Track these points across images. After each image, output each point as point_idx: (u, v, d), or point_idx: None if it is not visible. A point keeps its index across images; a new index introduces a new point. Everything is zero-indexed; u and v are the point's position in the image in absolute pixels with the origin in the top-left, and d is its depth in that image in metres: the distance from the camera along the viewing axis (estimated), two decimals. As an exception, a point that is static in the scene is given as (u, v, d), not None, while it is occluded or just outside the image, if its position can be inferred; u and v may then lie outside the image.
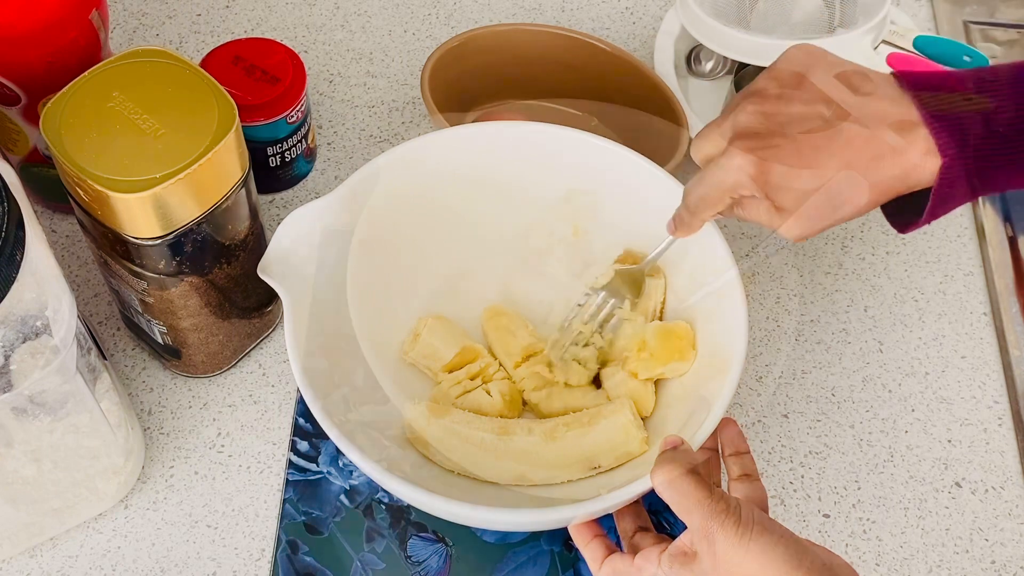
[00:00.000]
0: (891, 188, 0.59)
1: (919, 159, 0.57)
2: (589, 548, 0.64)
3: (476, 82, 0.87)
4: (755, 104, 0.60)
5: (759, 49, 0.86)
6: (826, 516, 0.76)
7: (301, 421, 0.78)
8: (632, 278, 0.74)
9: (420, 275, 0.77)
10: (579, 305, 0.75)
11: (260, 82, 0.82)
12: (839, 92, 0.59)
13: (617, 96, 0.79)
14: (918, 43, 0.91)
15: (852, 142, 0.58)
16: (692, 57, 0.97)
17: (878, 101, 0.58)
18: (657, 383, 0.73)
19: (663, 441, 0.60)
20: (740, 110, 0.61)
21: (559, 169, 0.75)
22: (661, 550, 0.59)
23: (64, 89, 0.66)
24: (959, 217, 0.90)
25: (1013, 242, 0.88)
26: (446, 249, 0.77)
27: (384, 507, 0.75)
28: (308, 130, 0.87)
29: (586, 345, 0.74)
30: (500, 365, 0.76)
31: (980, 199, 0.90)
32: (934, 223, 0.89)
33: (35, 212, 0.63)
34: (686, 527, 0.57)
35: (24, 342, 0.58)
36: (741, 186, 0.60)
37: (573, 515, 0.62)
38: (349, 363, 0.71)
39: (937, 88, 0.58)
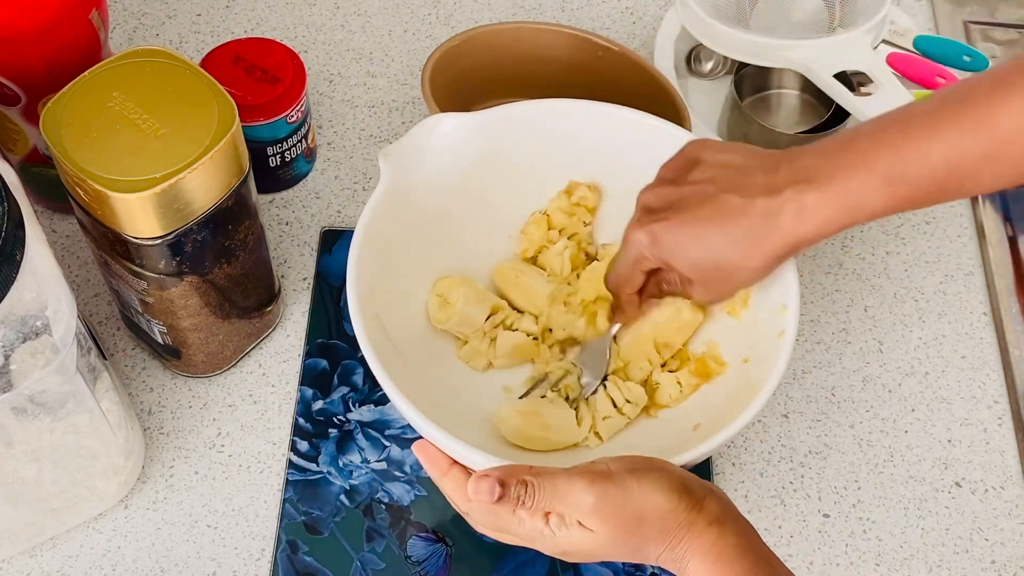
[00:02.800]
0: (777, 251, 0.62)
1: (791, 221, 0.61)
2: (449, 479, 0.62)
3: (477, 81, 0.87)
4: (654, 189, 0.67)
5: (759, 49, 0.86)
6: (826, 516, 0.76)
7: (301, 421, 0.78)
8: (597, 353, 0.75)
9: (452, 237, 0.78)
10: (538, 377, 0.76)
11: (260, 82, 0.82)
12: (722, 169, 0.64)
13: (619, 94, 0.79)
14: (918, 43, 0.91)
15: (729, 211, 0.62)
16: (692, 57, 0.96)
17: (754, 172, 0.63)
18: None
19: (487, 494, 0.57)
20: (641, 196, 0.67)
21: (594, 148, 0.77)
22: (547, 508, 0.58)
23: (64, 89, 0.66)
24: (959, 217, 0.90)
25: (1013, 242, 0.88)
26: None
27: (384, 507, 0.75)
28: (308, 130, 0.87)
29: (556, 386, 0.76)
30: (519, 314, 0.77)
31: (980, 198, 0.89)
32: (934, 223, 0.89)
33: (35, 212, 0.63)
34: None
35: (24, 342, 0.58)
36: (643, 257, 0.66)
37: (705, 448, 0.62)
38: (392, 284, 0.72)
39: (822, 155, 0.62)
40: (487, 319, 0.76)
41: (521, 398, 0.75)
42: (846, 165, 0.60)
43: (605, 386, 0.73)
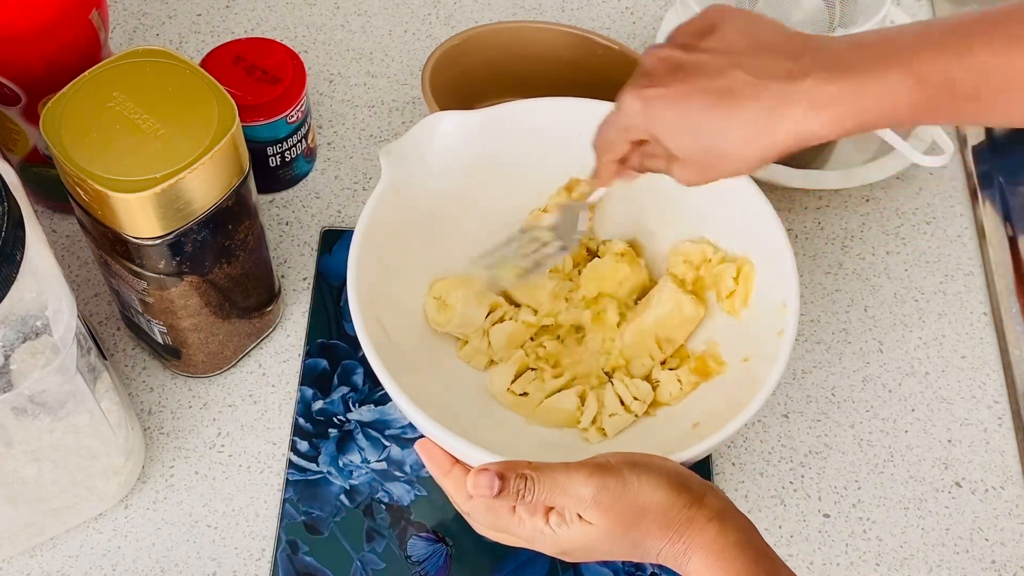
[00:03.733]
0: (778, 142, 0.57)
1: (803, 113, 0.55)
2: (451, 479, 0.61)
3: (477, 81, 0.87)
4: (661, 50, 0.60)
5: (759, 49, 0.86)
6: (826, 516, 0.76)
7: (301, 421, 0.78)
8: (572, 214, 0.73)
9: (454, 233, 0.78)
10: (520, 232, 0.75)
11: (260, 82, 0.82)
12: (741, 42, 0.58)
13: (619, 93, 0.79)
14: (918, 43, 0.91)
15: (737, 90, 0.56)
16: (692, 57, 0.96)
17: (775, 53, 0.57)
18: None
19: (486, 488, 0.57)
20: (648, 54, 0.61)
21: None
22: (548, 508, 0.58)
23: (64, 89, 0.66)
24: (959, 217, 0.90)
25: (1013, 242, 0.87)
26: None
27: (384, 507, 0.75)
28: (308, 130, 0.87)
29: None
30: (517, 308, 0.77)
31: (980, 198, 0.89)
32: (934, 223, 0.89)
33: (35, 212, 0.63)
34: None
35: (24, 342, 0.58)
36: (631, 125, 0.61)
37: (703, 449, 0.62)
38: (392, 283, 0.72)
39: (858, 46, 0.57)
40: (487, 317, 0.76)
41: (482, 257, 0.74)
42: (879, 60, 0.55)
43: (612, 383, 0.73)
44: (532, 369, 0.75)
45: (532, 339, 0.77)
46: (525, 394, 0.74)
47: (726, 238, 0.75)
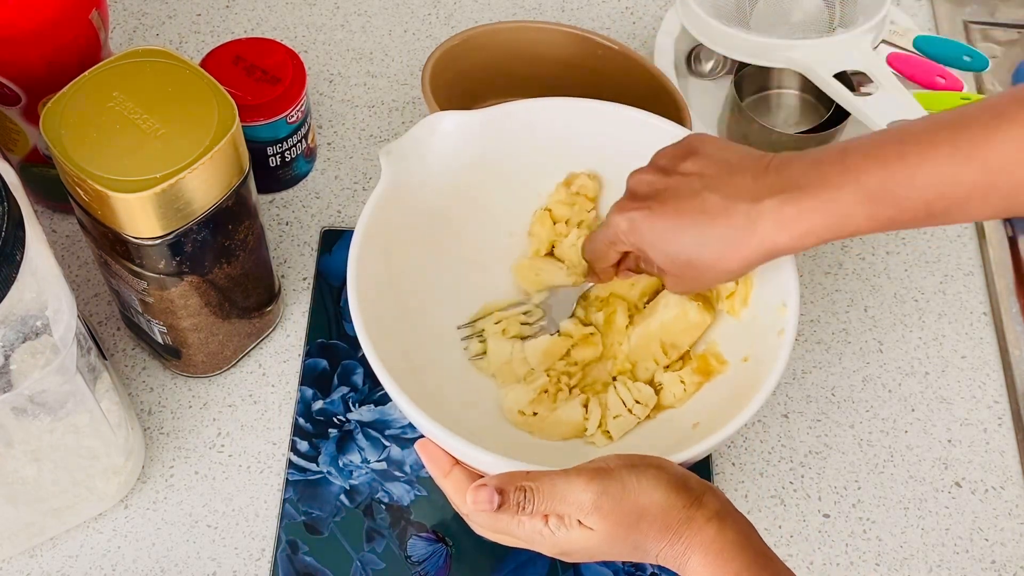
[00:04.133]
0: (749, 256, 0.62)
1: (768, 231, 0.60)
2: (450, 480, 0.62)
3: (477, 81, 0.87)
4: (643, 173, 0.66)
5: (759, 49, 0.86)
6: (826, 516, 0.76)
7: (301, 421, 0.78)
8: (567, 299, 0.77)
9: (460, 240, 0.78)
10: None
11: (260, 82, 0.82)
12: (713, 165, 0.63)
13: (620, 93, 0.79)
14: (918, 43, 0.91)
15: (709, 210, 0.62)
16: (692, 57, 0.96)
17: (742, 174, 0.62)
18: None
19: (486, 503, 0.58)
20: (630, 179, 0.67)
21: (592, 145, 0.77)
22: (547, 511, 0.58)
23: (64, 89, 0.66)
24: (959, 217, 0.90)
25: (1013, 242, 0.88)
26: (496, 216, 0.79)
27: (384, 507, 0.75)
28: (308, 130, 0.87)
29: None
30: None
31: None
32: (934, 223, 0.89)
33: (35, 212, 0.63)
34: None
35: (24, 342, 0.58)
36: (618, 241, 0.67)
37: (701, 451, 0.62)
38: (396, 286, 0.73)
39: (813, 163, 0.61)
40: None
41: (463, 327, 0.76)
42: (834, 178, 0.59)
43: (615, 387, 0.73)
44: (545, 391, 0.75)
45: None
46: (535, 414, 0.74)
47: None
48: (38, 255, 0.58)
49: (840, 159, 0.60)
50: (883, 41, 0.90)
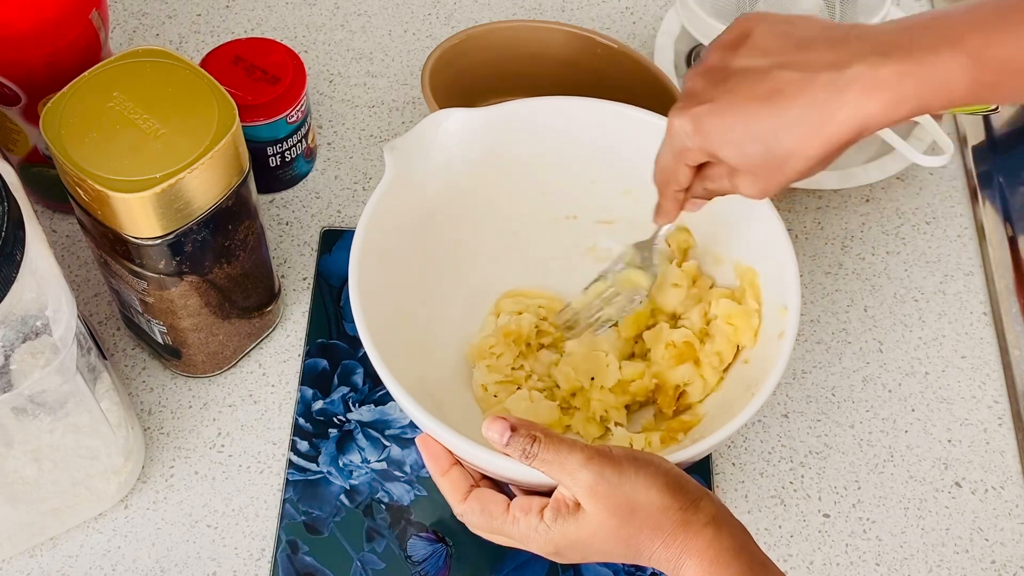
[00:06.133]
0: (838, 133, 0.55)
1: (858, 99, 0.54)
2: (448, 478, 0.61)
3: (477, 79, 0.87)
4: (697, 70, 0.59)
5: (759, 49, 0.86)
6: (826, 516, 0.76)
7: (301, 421, 0.78)
8: (636, 271, 0.74)
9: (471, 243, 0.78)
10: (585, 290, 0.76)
11: (260, 82, 0.82)
12: (778, 43, 0.57)
13: (620, 92, 0.79)
14: (918, 43, 0.91)
15: (785, 89, 0.55)
16: (692, 57, 0.96)
17: (816, 46, 0.56)
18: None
19: (497, 434, 0.58)
20: (686, 77, 0.60)
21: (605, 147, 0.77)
22: (542, 505, 0.58)
23: (64, 89, 0.66)
24: (959, 217, 0.90)
25: (1013, 242, 0.87)
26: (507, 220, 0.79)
27: (384, 507, 0.75)
28: (308, 130, 0.87)
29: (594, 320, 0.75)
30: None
31: (980, 198, 0.89)
32: (934, 223, 0.89)
33: (35, 212, 0.63)
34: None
35: (24, 342, 0.58)
36: (685, 148, 0.59)
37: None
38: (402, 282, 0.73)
39: (897, 31, 0.56)
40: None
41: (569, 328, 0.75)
42: (931, 40, 0.53)
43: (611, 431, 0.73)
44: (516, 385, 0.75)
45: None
46: (495, 396, 0.74)
47: (730, 239, 0.75)
48: (38, 255, 0.58)
49: (933, 23, 0.54)
50: (883, 41, 0.90)
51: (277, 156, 0.86)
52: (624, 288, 0.74)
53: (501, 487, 0.62)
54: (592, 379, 0.74)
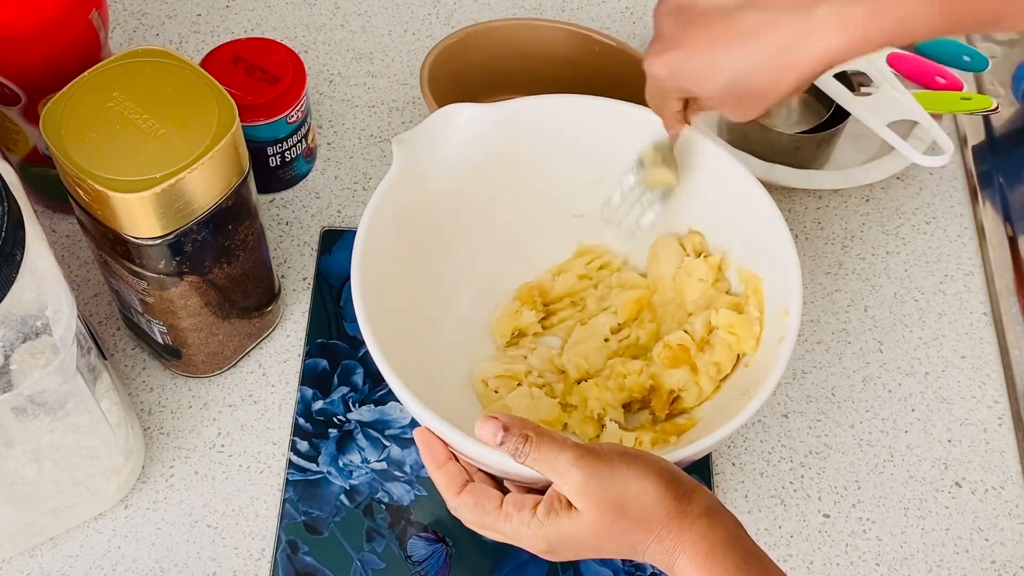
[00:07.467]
0: (808, 71, 0.57)
1: (826, 38, 0.55)
2: (443, 472, 0.62)
3: (477, 78, 0.87)
4: (666, 8, 0.61)
5: (759, 49, 0.86)
6: (826, 516, 0.76)
7: (301, 421, 0.78)
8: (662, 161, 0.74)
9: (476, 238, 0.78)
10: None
11: (260, 82, 0.82)
12: None
13: (619, 91, 0.79)
14: (918, 43, 0.91)
15: (750, 31, 0.57)
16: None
17: None
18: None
19: (490, 434, 0.58)
20: (655, 15, 0.62)
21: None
22: (536, 501, 0.58)
23: (64, 89, 0.66)
24: (959, 217, 0.90)
25: (1013, 242, 0.88)
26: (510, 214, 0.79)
27: (384, 507, 0.75)
28: (308, 130, 0.87)
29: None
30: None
31: (980, 198, 0.89)
32: (934, 223, 0.89)
33: (35, 212, 0.63)
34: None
35: (24, 342, 0.58)
36: (665, 91, 0.63)
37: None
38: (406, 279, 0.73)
39: None
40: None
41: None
42: None
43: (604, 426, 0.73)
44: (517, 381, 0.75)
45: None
46: (496, 391, 0.74)
47: (736, 245, 0.74)
48: (38, 255, 0.58)
49: None
50: (883, 41, 0.90)
51: (277, 156, 0.86)
52: (654, 185, 0.74)
53: (498, 483, 0.62)
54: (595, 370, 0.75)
